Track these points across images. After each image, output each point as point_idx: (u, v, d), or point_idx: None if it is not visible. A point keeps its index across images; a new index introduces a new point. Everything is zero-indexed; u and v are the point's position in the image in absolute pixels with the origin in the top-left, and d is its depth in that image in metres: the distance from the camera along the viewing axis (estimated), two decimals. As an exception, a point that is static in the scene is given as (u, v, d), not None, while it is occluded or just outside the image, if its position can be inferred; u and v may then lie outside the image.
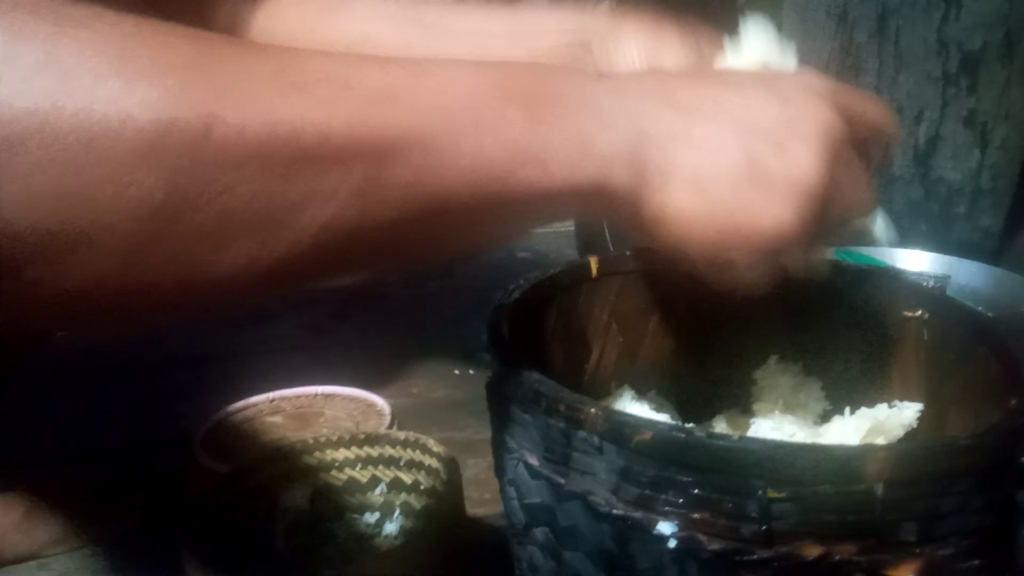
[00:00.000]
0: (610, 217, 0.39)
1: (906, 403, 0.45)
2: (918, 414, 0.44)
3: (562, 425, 0.36)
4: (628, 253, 0.53)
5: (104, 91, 0.25)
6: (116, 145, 0.25)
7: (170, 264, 0.28)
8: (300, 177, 0.28)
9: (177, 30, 0.29)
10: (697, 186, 0.34)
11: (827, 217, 0.36)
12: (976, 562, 0.32)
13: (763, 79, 0.39)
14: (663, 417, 0.45)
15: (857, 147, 0.38)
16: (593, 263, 0.52)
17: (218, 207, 0.27)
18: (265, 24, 0.55)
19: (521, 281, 0.49)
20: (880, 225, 0.45)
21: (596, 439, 0.35)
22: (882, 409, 0.44)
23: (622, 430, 0.34)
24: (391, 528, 0.58)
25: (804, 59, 0.46)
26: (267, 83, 0.28)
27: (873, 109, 0.41)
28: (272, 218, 0.28)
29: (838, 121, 0.36)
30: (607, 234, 0.95)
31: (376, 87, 0.31)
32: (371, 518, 0.58)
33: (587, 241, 1.06)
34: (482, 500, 0.64)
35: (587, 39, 0.49)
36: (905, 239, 0.95)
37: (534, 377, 0.38)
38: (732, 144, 0.35)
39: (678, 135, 0.35)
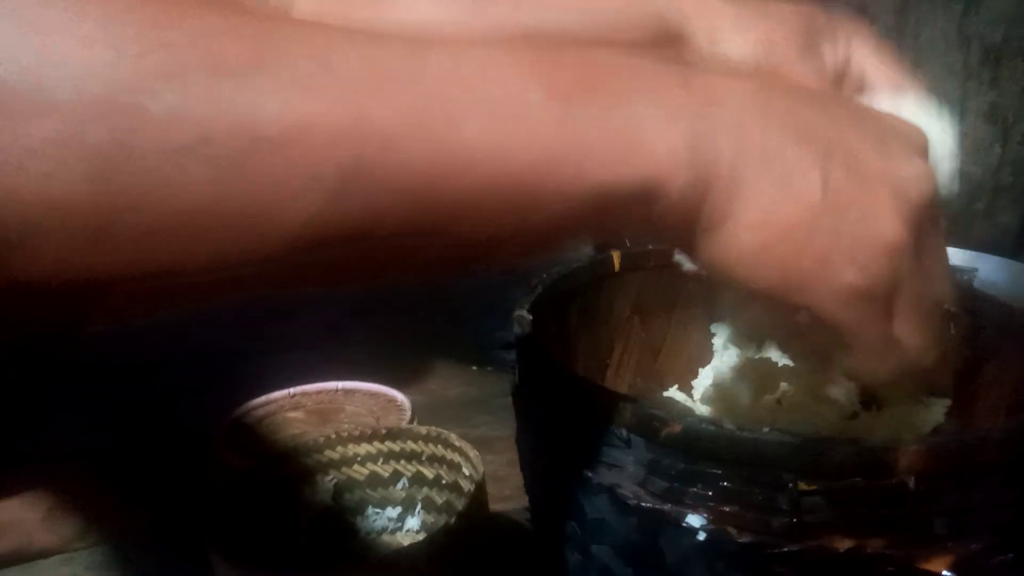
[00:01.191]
0: (659, 234, 0.32)
1: (934, 399, 0.44)
2: (946, 410, 0.44)
3: (590, 418, 0.36)
4: (650, 248, 0.53)
5: (21, 57, 0.21)
6: (31, 128, 0.21)
7: (123, 266, 0.24)
8: (259, 171, 0.24)
9: None
10: (767, 216, 0.29)
11: (904, 291, 0.30)
12: (1009, 555, 0.32)
13: (862, 111, 0.34)
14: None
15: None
16: (616, 258, 0.52)
17: (162, 207, 0.23)
18: (318, 8, 0.52)
19: (543, 276, 0.49)
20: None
21: (624, 432, 0.35)
22: (910, 406, 0.44)
23: (651, 423, 0.34)
24: (413, 523, 0.58)
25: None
26: (222, 58, 0.24)
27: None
28: (231, 219, 0.24)
29: (931, 188, 0.31)
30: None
31: (362, 66, 0.25)
32: (393, 512, 0.59)
33: (604, 239, 1.05)
34: (501, 496, 0.64)
35: (673, 16, 0.41)
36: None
37: (560, 370, 0.38)
38: (815, 178, 0.29)
39: (755, 150, 0.29)
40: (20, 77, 0.21)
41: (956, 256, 0.83)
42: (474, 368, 0.92)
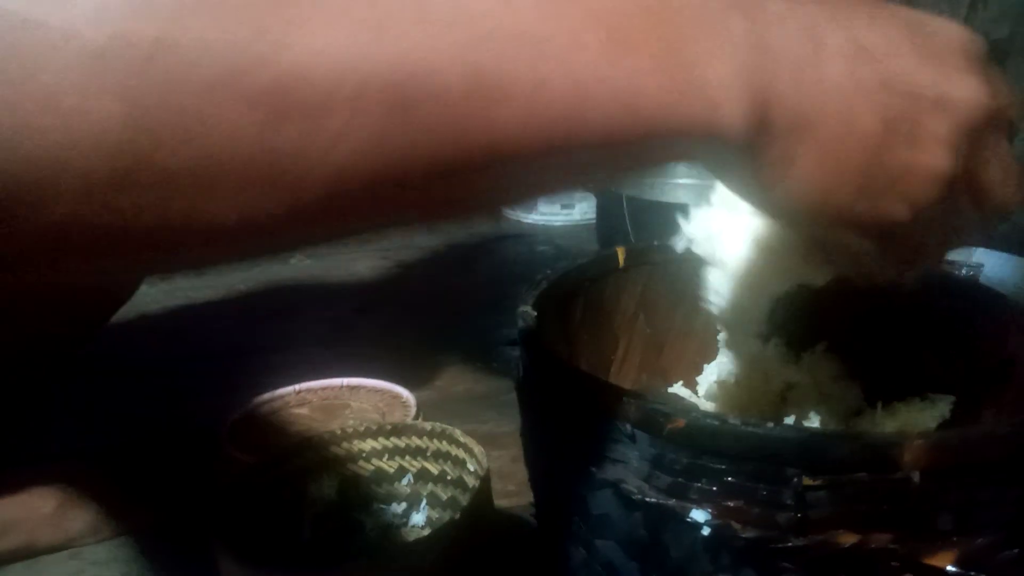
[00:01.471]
0: (719, 169, 0.32)
1: (939, 396, 0.44)
2: (951, 406, 0.44)
3: (594, 414, 0.36)
4: (655, 243, 0.53)
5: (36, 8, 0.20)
6: (53, 66, 0.20)
7: (149, 212, 0.23)
8: (289, 111, 0.23)
9: None
10: (830, 154, 0.28)
11: (968, 209, 0.31)
12: (1014, 551, 0.32)
13: (918, 25, 0.32)
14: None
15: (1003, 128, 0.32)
16: (620, 254, 0.52)
17: (194, 146, 0.22)
18: None
19: (548, 272, 0.49)
20: None
21: (628, 427, 0.35)
22: (915, 402, 0.44)
23: (655, 418, 0.34)
24: (418, 518, 0.58)
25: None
26: None
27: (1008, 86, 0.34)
28: (265, 163, 0.23)
29: (985, 103, 0.30)
30: (628, 226, 0.95)
31: (392, 3, 0.24)
32: (398, 508, 0.59)
33: (608, 234, 1.05)
34: (506, 492, 0.64)
35: None
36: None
37: (564, 366, 0.38)
38: (874, 114, 0.29)
39: (814, 84, 0.28)
40: (45, 11, 0.20)
41: (963, 252, 0.83)
42: (479, 364, 0.92)
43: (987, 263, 0.78)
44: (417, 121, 0.24)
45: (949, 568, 0.31)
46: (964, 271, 0.47)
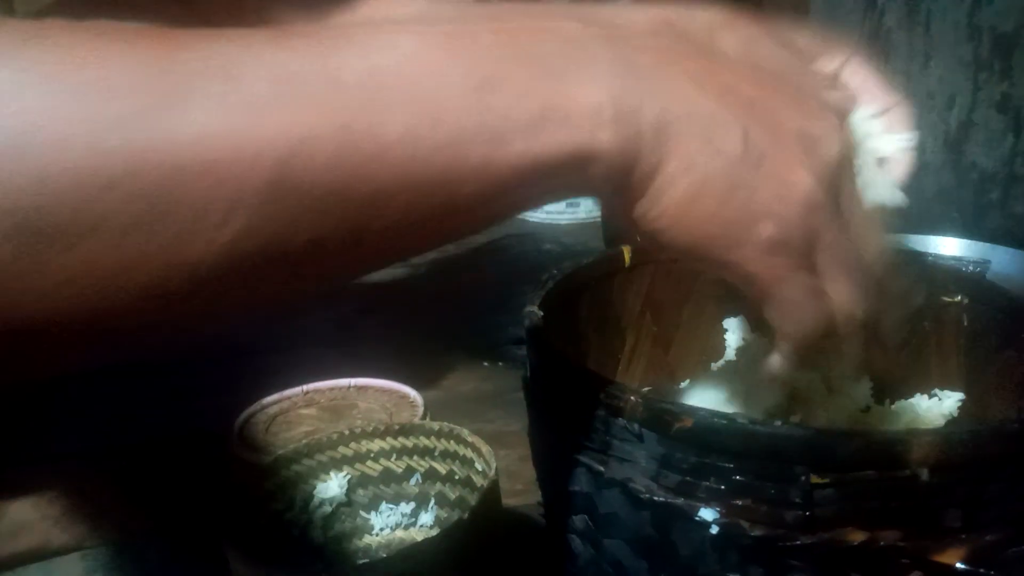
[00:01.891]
0: (600, 197, 0.33)
1: (947, 392, 0.44)
2: (959, 403, 0.44)
3: (601, 413, 0.36)
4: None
5: None
6: None
7: (42, 314, 0.23)
8: (181, 199, 0.23)
9: (56, 28, 0.23)
10: (690, 171, 0.29)
11: (823, 244, 0.31)
12: (1023, 548, 0.32)
13: (785, 73, 0.34)
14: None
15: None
16: (626, 252, 0.52)
17: (82, 251, 0.22)
18: (316, 16, 0.54)
19: (555, 271, 0.49)
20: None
21: (636, 426, 0.35)
22: (922, 400, 0.44)
23: (662, 417, 0.34)
24: (426, 518, 0.59)
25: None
26: (125, 90, 0.23)
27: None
28: (161, 248, 0.23)
29: (841, 146, 0.32)
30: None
31: (272, 72, 0.25)
32: (406, 508, 0.59)
33: (615, 233, 1.05)
34: (514, 491, 0.64)
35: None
36: (936, 226, 0.93)
37: (572, 366, 0.38)
38: (736, 134, 0.29)
39: (678, 107, 0.29)
40: None
41: (969, 247, 0.83)
42: (486, 364, 0.92)
43: (994, 259, 0.78)
44: (298, 191, 0.25)
45: (958, 565, 0.31)
46: (971, 267, 0.46)
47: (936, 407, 0.43)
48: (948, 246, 0.85)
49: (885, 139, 0.42)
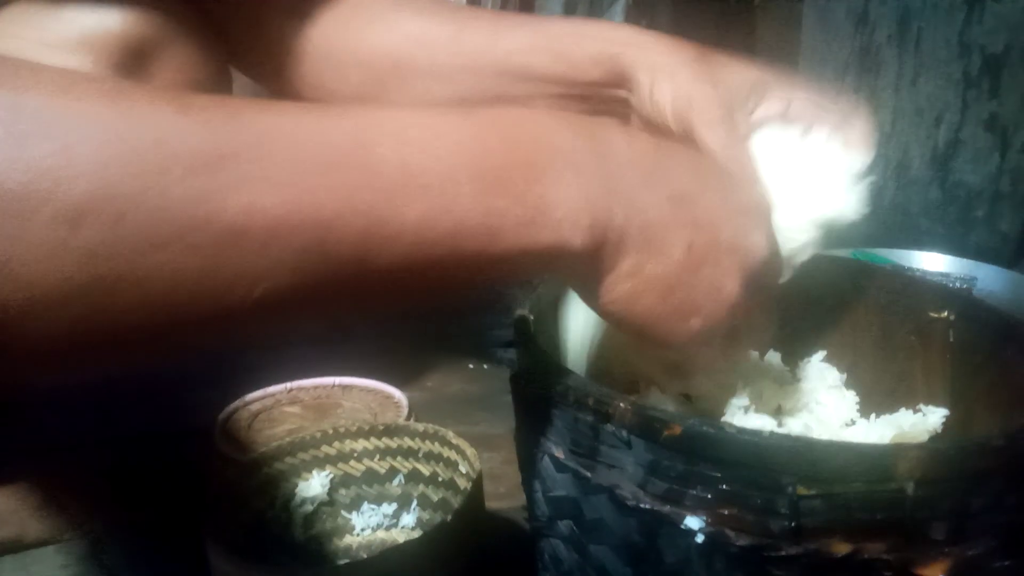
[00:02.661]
0: (567, 280, 0.41)
1: (931, 408, 0.45)
2: (943, 420, 0.44)
3: (590, 419, 0.36)
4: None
5: (13, 171, 0.24)
6: (24, 233, 0.24)
7: (99, 344, 0.27)
8: (228, 257, 0.27)
9: (103, 87, 0.27)
10: (639, 270, 0.36)
11: (734, 323, 0.40)
12: (1006, 562, 0.32)
13: (730, 186, 0.40)
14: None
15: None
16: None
17: (140, 292, 0.26)
18: (313, 35, 0.56)
19: (545, 276, 0.49)
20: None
21: (624, 433, 0.35)
22: (907, 415, 0.44)
23: (651, 424, 0.34)
24: (408, 519, 0.58)
25: (823, 60, 0.47)
26: (190, 153, 0.26)
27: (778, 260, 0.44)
28: (201, 298, 0.27)
29: (767, 255, 0.39)
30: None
31: (314, 155, 0.29)
32: (388, 509, 0.59)
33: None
34: (497, 494, 0.64)
35: (617, 50, 0.49)
36: (923, 242, 0.94)
37: (562, 371, 0.38)
38: (681, 244, 0.36)
39: (639, 217, 0.35)
40: (17, 183, 0.24)
41: (956, 264, 0.84)
42: (472, 366, 0.92)
43: (980, 276, 0.79)
44: (326, 259, 0.29)
45: (942, 578, 0.31)
46: (957, 284, 0.47)
47: (921, 422, 0.44)
48: (935, 262, 0.86)
49: (842, 157, 0.46)
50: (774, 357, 0.50)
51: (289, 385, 0.74)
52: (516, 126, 0.34)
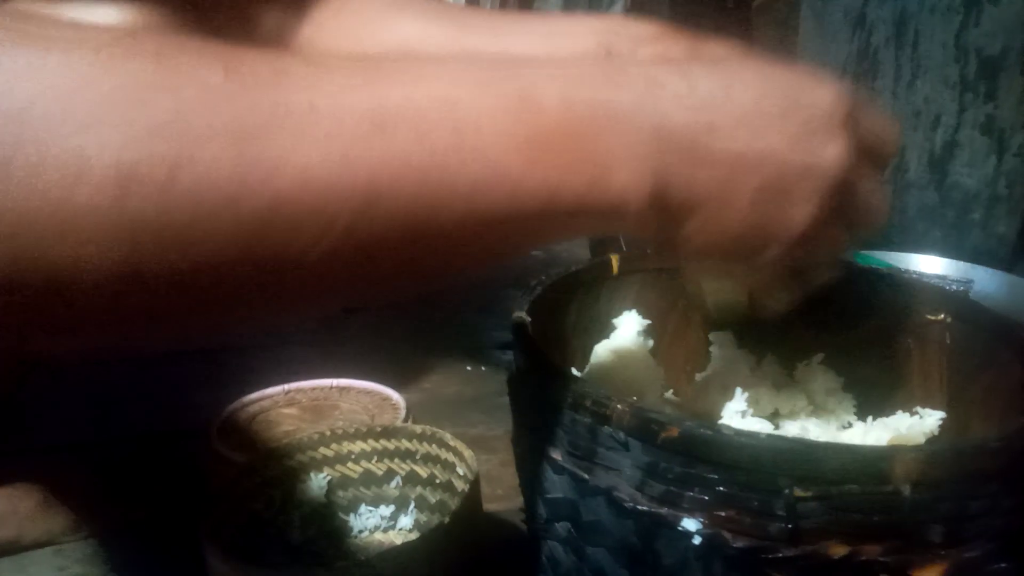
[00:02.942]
0: (628, 231, 0.39)
1: (928, 411, 0.45)
2: (940, 422, 0.44)
3: (588, 421, 0.36)
4: (648, 251, 0.53)
5: (60, 135, 0.23)
6: (72, 197, 0.23)
7: (146, 309, 0.27)
8: (279, 222, 0.26)
9: (148, 46, 0.26)
10: (711, 219, 0.34)
11: (831, 239, 0.37)
12: (1003, 564, 0.32)
13: (796, 94, 0.36)
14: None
15: (871, 164, 0.37)
16: (614, 261, 0.52)
17: (188, 259, 0.25)
18: (310, 35, 0.56)
19: (543, 277, 0.49)
20: None
21: (622, 435, 0.35)
22: (904, 418, 0.44)
23: (648, 426, 0.34)
24: (406, 521, 0.58)
25: (821, 62, 0.46)
26: (240, 117, 0.26)
27: (884, 128, 0.39)
28: (252, 266, 0.27)
29: (849, 158, 0.36)
30: (620, 234, 0.95)
31: (364, 116, 0.28)
32: (386, 511, 0.59)
33: (600, 240, 1.05)
34: (494, 496, 0.64)
35: (615, 42, 0.50)
36: (919, 245, 0.94)
37: (560, 372, 0.38)
38: (744, 199, 0.34)
39: (703, 164, 0.33)
40: (62, 148, 0.23)
41: (952, 267, 0.84)
42: (469, 368, 0.92)
43: (976, 278, 0.79)
44: (377, 223, 0.28)
45: (938, 580, 0.31)
46: (954, 286, 0.47)
47: (918, 425, 0.44)
48: (931, 264, 0.86)
49: None
50: (771, 361, 0.50)
51: (286, 387, 0.74)
52: (570, 84, 0.33)
